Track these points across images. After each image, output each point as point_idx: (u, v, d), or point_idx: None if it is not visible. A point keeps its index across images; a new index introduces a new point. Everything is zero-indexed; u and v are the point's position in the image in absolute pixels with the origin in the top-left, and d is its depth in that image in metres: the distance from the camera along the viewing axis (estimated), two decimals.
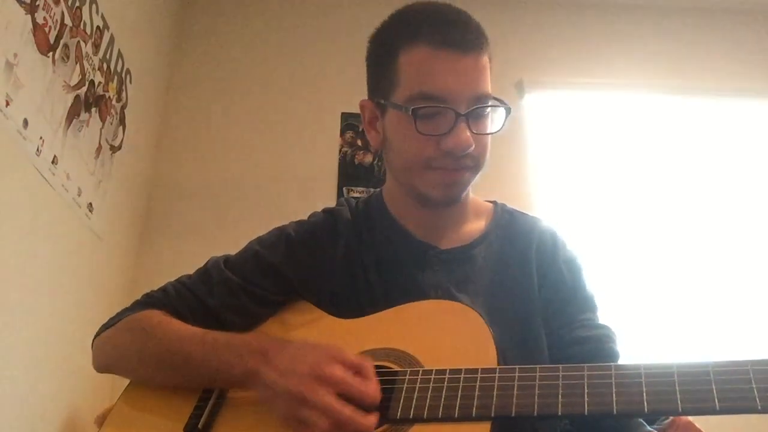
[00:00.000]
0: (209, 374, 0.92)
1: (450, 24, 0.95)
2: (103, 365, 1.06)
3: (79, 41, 2.02)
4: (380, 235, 1.08)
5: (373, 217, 1.11)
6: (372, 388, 0.81)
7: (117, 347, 1.03)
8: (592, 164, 2.90)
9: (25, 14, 1.70)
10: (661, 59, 3.09)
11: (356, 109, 1.08)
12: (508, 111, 0.99)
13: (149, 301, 1.07)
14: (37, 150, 1.81)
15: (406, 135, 0.97)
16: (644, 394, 0.71)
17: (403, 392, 0.82)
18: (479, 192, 1.13)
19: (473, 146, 0.95)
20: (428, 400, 0.80)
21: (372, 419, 0.79)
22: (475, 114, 0.95)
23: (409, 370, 0.86)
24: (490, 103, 0.97)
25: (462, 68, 0.94)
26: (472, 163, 0.98)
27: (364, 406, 0.80)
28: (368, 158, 2.84)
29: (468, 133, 0.94)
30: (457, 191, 1.01)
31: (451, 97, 0.94)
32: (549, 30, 3.14)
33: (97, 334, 1.07)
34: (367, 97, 1.06)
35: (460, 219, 1.09)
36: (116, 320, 1.05)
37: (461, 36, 0.95)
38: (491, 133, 0.99)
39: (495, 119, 1.00)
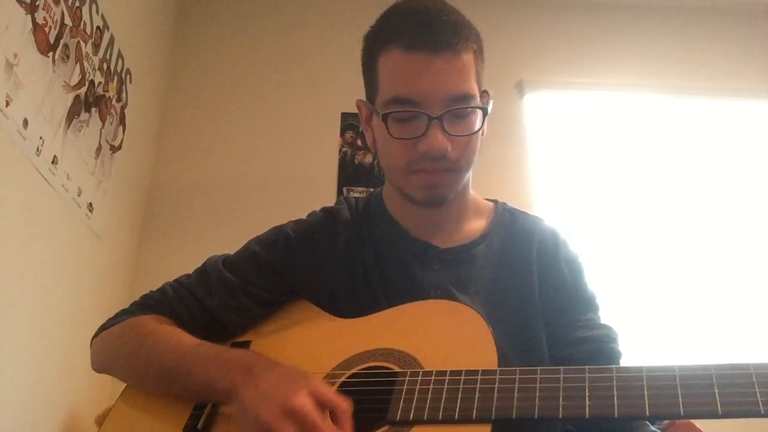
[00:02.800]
0: (195, 388, 0.91)
1: (423, 24, 0.93)
2: (99, 366, 1.06)
3: (79, 41, 2.02)
4: (380, 234, 1.08)
5: (373, 216, 1.11)
6: None
7: (112, 351, 1.04)
8: (592, 164, 2.89)
9: (25, 14, 1.70)
10: (661, 59, 3.08)
11: (356, 109, 1.08)
12: (485, 113, 0.97)
13: (148, 302, 1.06)
14: (37, 150, 1.80)
15: (386, 139, 0.97)
16: (646, 397, 0.71)
17: (403, 393, 0.82)
18: (478, 192, 1.13)
19: (449, 148, 0.93)
20: (428, 402, 0.80)
21: None
22: (451, 115, 0.93)
23: (409, 371, 0.85)
24: (466, 104, 0.94)
25: (434, 70, 0.92)
26: (453, 165, 0.96)
27: None
28: (368, 158, 2.84)
29: (441, 137, 0.92)
30: (440, 193, 0.99)
31: (423, 99, 0.92)
32: (549, 30, 3.14)
33: (96, 335, 1.07)
34: (362, 97, 1.06)
35: (460, 218, 1.08)
36: (114, 322, 1.05)
37: (434, 36, 0.92)
38: (470, 134, 0.96)
39: (479, 118, 0.97)
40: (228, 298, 1.04)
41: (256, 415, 0.79)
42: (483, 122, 0.98)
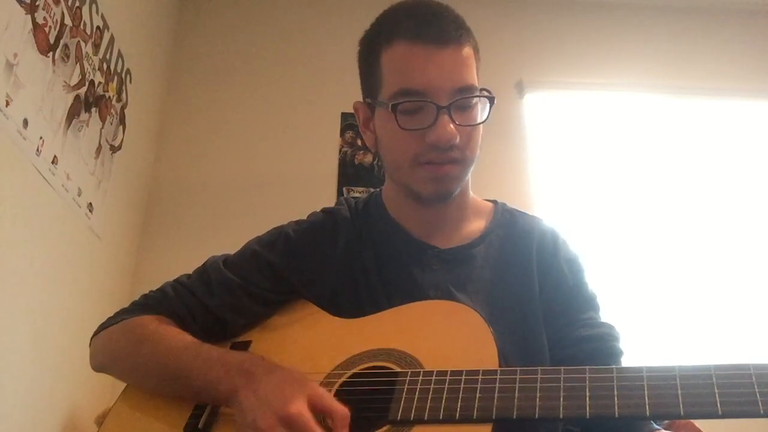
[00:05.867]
0: (197, 389, 0.91)
1: (426, 18, 0.96)
2: (98, 365, 1.06)
3: (79, 41, 2.02)
4: (379, 234, 1.08)
5: (372, 216, 1.11)
6: None
7: (112, 350, 1.03)
8: (592, 164, 2.90)
9: (25, 14, 1.70)
10: (661, 59, 3.09)
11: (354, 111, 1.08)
12: (492, 101, 0.98)
13: (148, 303, 1.06)
14: (37, 150, 1.81)
15: (392, 133, 0.97)
16: (646, 397, 0.71)
17: (404, 393, 0.82)
18: (479, 191, 1.13)
19: (458, 138, 0.94)
20: (429, 402, 0.80)
21: None
22: (457, 106, 0.95)
23: (409, 371, 0.85)
24: (472, 94, 0.96)
25: (440, 61, 0.94)
26: (460, 156, 0.97)
27: None
28: (368, 158, 2.84)
29: (451, 126, 0.93)
30: (448, 186, 0.99)
31: (431, 90, 0.94)
32: (549, 30, 3.14)
33: (95, 334, 1.07)
34: (361, 99, 1.06)
35: (459, 218, 1.08)
36: (114, 321, 1.05)
37: (438, 29, 0.95)
38: (477, 124, 0.98)
39: (482, 110, 0.99)
40: (228, 298, 1.04)
41: (253, 420, 0.79)
42: (489, 113, 0.99)
